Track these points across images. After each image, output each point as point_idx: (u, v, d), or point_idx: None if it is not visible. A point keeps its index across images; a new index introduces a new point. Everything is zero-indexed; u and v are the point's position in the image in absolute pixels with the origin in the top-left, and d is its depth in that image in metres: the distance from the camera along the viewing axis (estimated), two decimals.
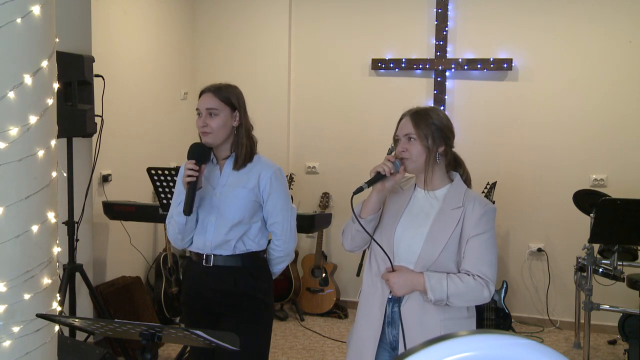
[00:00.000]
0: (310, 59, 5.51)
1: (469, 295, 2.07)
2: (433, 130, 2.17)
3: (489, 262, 2.09)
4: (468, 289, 2.06)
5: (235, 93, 2.50)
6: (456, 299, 2.06)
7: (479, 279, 2.06)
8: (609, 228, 3.66)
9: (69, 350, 2.63)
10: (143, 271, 4.90)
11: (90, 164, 3.90)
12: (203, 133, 2.44)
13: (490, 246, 2.12)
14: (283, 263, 2.64)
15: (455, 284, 2.06)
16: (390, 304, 2.18)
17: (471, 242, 2.11)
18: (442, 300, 2.06)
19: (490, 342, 0.68)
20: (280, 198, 2.52)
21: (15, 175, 1.88)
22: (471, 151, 5.22)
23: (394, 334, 2.18)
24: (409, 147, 2.17)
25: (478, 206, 2.14)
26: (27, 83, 1.87)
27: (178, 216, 2.48)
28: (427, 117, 2.19)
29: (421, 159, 2.17)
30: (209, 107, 2.43)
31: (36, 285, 1.95)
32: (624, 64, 4.88)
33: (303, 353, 4.43)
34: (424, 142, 2.16)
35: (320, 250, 5.26)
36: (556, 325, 5.06)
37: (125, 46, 4.67)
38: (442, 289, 2.05)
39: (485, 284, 2.06)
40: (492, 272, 2.09)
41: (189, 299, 2.61)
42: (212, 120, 2.42)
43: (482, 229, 2.11)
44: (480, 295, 2.07)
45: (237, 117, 2.48)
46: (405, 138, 2.19)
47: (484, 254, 2.10)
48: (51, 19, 1.96)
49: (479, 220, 2.11)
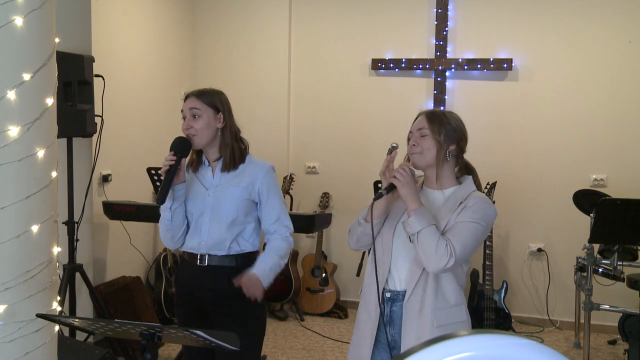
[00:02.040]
0: (310, 59, 5.51)
1: (431, 250, 2.03)
2: (447, 129, 2.18)
3: (463, 242, 2.06)
4: (437, 246, 2.02)
5: (218, 96, 2.54)
6: (421, 243, 2.04)
7: (450, 247, 2.03)
8: (609, 228, 3.66)
9: (69, 350, 2.63)
10: (143, 271, 4.90)
11: (90, 164, 3.90)
12: (188, 136, 2.49)
13: (473, 232, 2.08)
14: (288, 251, 2.62)
15: (432, 233, 2.03)
16: (389, 303, 2.18)
17: (456, 224, 2.10)
18: (414, 229, 2.05)
19: (490, 342, 0.68)
20: (277, 197, 2.56)
21: (15, 175, 1.88)
22: (471, 151, 5.20)
23: (392, 333, 2.17)
24: (420, 142, 2.18)
25: (479, 201, 2.14)
26: (27, 83, 1.87)
27: (163, 212, 2.51)
28: (442, 116, 2.22)
29: (431, 153, 2.17)
30: (192, 107, 2.48)
31: (36, 285, 1.95)
32: (624, 64, 4.88)
33: (303, 353, 4.43)
34: (435, 137, 2.16)
35: (320, 250, 5.26)
36: (556, 325, 5.06)
37: (125, 46, 4.67)
38: (421, 224, 2.04)
39: (450, 256, 2.02)
40: (461, 252, 2.05)
41: (182, 299, 2.61)
42: (196, 122, 2.47)
43: (472, 217, 2.09)
44: (439, 259, 2.02)
45: (221, 119, 2.51)
46: (418, 133, 2.19)
47: (462, 233, 2.07)
48: (51, 19, 1.96)
49: (473, 211, 2.11)
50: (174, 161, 2.40)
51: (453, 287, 2.15)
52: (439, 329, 2.10)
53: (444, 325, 2.11)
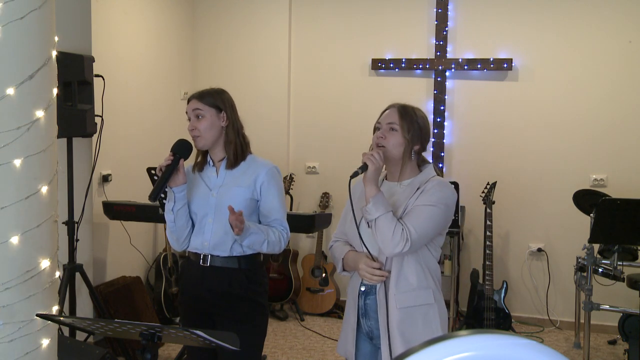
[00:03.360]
0: (310, 58, 5.51)
1: (388, 236, 2.09)
2: (415, 127, 2.24)
3: (419, 226, 2.11)
4: (393, 232, 2.09)
5: (219, 95, 2.55)
6: (379, 229, 2.11)
7: (406, 232, 2.09)
8: (609, 228, 3.66)
9: (69, 350, 2.63)
10: (143, 271, 4.90)
11: (90, 164, 3.90)
12: (194, 137, 2.52)
13: (430, 216, 2.14)
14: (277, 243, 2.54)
15: (388, 220, 2.10)
16: (362, 296, 2.28)
17: (413, 208, 2.16)
18: (372, 216, 2.12)
19: (490, 342, 0.68)
20: (277, 195, 2.55)
21: (15, 175, 1.88)
22: (471, 151, 5.23)
23: (369, 324, 2.28)
24: (388, 136, 2.24)
25: (435, 184, 2.20)
26: (27, 83, 1.87)
27: (166, 214, 2.53)
28: (413, 114, 2.27)
29: (398, 150, 2.23)
30: (195, 109, 2.51)
31: (36, 285, 1.95)
32: (624, 64, 4.88)
33: (303, 353, 4.43)
34: (404, 134, 2.22)
35: (320, 250, 5.26)
36: (556, 325, 5.06)
37: (125, 46, 4.67)
38: (378, 211, 2.11)
39: (406, 241, 2.08)
40: (417, 236, 2.11)
41: (186, 299, 2.62)
42: (199, 122, 2.50)
43: (429, 201, 2.15)
44: (395, 245, 2.09)
45: (225, 118, 2.53)
46: (387, 127, 2.24)
47: (418, 217, 2.13)
48: (51, 19, 1.97)
49: (430, 195, 2.17)
50: (170, 161, 2.43)
51: (416, 270, 2.20)
52: (401, 311, 2.17)
53: (407, 307, 2.18)
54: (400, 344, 2.14)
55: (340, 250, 2.37)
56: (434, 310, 2.21)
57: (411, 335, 2.16)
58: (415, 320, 2.17)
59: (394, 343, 2.16)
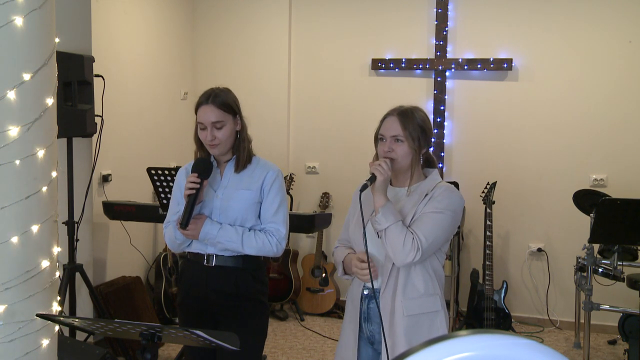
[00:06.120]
0: (310, 58, 5.51)
1: (399, 246, 2.10)
2: (419, 132, 2.22)
3: (429, 234, 2.12)
4: (404, 242, 2.10)
5: (231, 98, 2.50)
6: (389, 239, 2.12)
7: (416, 241, 2.10)
8: (609, 228, 3.66)
9: (69, 350, 2.63)
10: (143, 271, 4.90)
11: (90, 164, 3.90)
12: (211, 146, 2.44)
13: (439, 223, 2.15)
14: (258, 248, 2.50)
15: (399, 229, 2.11)
16: (365, 300, 2.27)
17: (422, 216, 2.17)
18: (381, 226, 2.12)
19: (490, 342, 0.68)
20: (279, 201, 2.52)
21: (15, 175, 1.88)
22: (471, 151, 5.23)
23: (371, 329, 2.26)
24: (395, 148, 2.22)
25: (443, 191, 2.20)
26: (27, 83, 1.87)
27: (174, 230, 2.48)
28: (413, 118, 2.24)
29: (407, 159, 2.22)
30: (214, 121, 2.41)
31: (36, 285, 1.95)
32: (624, 64, 4.88)
33: (303, 353, 4.43)
34: (410, 144, 2.20)
35: (320, 250, 5.26)
36: (556, 325, 5.06)
37: (125, 46, 4.67)
38: (388, 221, 2.11)
39: (417, 250, 2.09)
40: (428, 244, 2.11)
41: (186, 300, 2.59)
42: (219, 132, 2.42)
43: (437, 208, 2.16)
44: (406, 254, 2.10)
45: (239, 122, 2.49)
46: (392, 139, 2.22)
47: (427, 225, 2.14)
48: (51, 19, 1.96)
49: (437, 202, 2.17)
50: (198, 184, 2.38)
51: (423, 277, 2.20)
52: (408, 318, 2.16)
53: (414, 315, 2.17)
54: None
55: (340, 254, 2.38)
56: (440, 318, 2.22)
57: (418, 343, 2.13)
58: (421, 329, 2.18)
59: (399, 350, 2.14)
